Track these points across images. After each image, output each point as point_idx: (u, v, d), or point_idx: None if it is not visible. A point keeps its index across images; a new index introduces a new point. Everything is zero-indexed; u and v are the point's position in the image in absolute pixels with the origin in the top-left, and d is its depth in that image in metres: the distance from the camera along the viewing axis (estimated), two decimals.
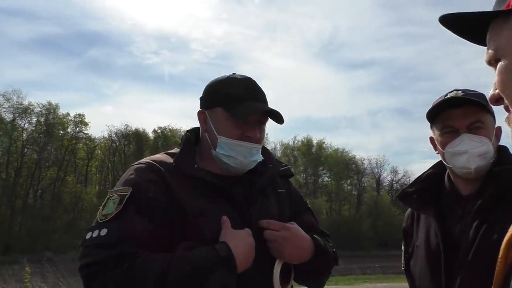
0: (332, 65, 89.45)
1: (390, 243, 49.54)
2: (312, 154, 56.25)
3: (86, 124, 47.88)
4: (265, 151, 1.53)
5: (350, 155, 59.53)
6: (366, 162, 60.67)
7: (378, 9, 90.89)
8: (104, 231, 1.22)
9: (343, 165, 57.96)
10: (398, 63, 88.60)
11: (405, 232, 1.73)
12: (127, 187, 1.30)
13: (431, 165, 1.68)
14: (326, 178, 58.18)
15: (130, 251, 1.19)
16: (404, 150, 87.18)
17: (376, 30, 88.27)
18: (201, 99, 1.50)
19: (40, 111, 45.64)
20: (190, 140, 1.48)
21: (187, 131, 1.53)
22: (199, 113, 1.47)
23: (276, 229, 1.39)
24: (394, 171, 61.90)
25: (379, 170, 61.40)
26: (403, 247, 1.73)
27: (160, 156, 1.44)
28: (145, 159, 1.42)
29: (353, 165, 59.29)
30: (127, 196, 1.26)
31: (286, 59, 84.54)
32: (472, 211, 1.46)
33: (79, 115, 47.84)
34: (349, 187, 59.93)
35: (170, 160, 1.39)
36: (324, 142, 58.59)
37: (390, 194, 61.18)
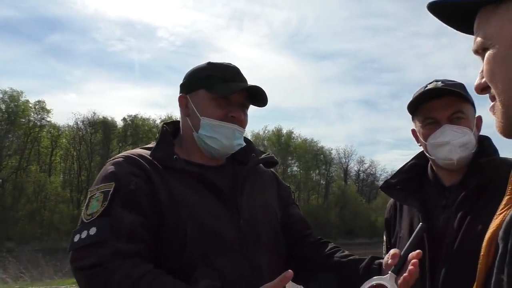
0: (299, 55, 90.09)
1: (356, 232, 50.76)
2: (281, 144, 56.55)
3: (48, 111, 45.85)
4: (247, 141, 1.50)
5: (318, 145, 60.33)
6: (334, 152, 61.71)
7: (343, 1, 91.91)
8: (93, 230, 1.18)
9: (312, 155, 58.58)
10: (363, 55, 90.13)
11: (387, 222, 1.73)
12: (109, 183, 1.25)
13: (401, 154, 1.68)
14: (295, 168, 58.71)
15: (124, 248, 1.16)
16: (369, 141, 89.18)
17: (341, 22, 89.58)
18: (181, 85, 1.46)
19: (2, 98, 43.76)
20: (167, 132, 1.43)
21: (164, 123, 1.49)
22: (180, 98, 1.43)
23: None
24: (361, 161, 63.24)
25: (346, 160, 62.59)
26: (384, 238, 1.74)
27: (138, 150, 1.40)
28: (121, 154, 1.39)
29: (321, 155, 60.00)
30: (111, 192, 1.23)
31: (253, 48, 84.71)
32: (456, 202, 1.47)
33: (39, 101, 45.64)
34: (317, 177, 60.66)
35: (148, 153, 1.35)
36: (293, 132, 59.07)
37: (356, 184, 62.49)
